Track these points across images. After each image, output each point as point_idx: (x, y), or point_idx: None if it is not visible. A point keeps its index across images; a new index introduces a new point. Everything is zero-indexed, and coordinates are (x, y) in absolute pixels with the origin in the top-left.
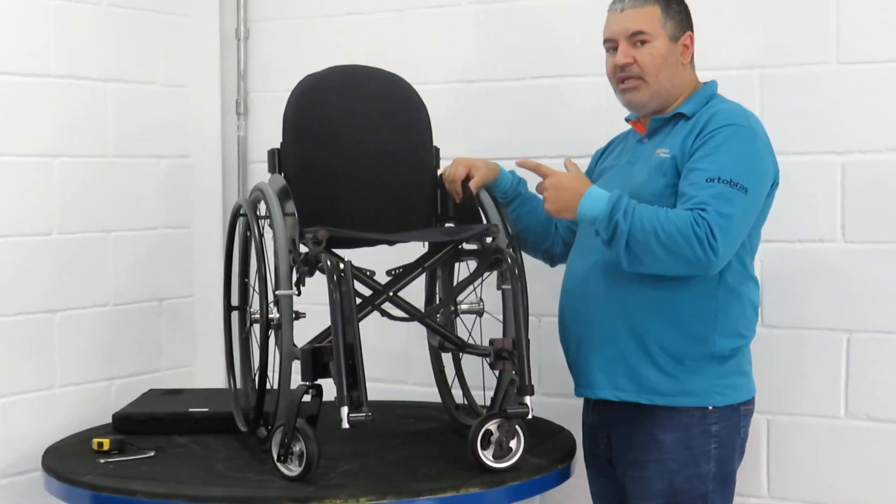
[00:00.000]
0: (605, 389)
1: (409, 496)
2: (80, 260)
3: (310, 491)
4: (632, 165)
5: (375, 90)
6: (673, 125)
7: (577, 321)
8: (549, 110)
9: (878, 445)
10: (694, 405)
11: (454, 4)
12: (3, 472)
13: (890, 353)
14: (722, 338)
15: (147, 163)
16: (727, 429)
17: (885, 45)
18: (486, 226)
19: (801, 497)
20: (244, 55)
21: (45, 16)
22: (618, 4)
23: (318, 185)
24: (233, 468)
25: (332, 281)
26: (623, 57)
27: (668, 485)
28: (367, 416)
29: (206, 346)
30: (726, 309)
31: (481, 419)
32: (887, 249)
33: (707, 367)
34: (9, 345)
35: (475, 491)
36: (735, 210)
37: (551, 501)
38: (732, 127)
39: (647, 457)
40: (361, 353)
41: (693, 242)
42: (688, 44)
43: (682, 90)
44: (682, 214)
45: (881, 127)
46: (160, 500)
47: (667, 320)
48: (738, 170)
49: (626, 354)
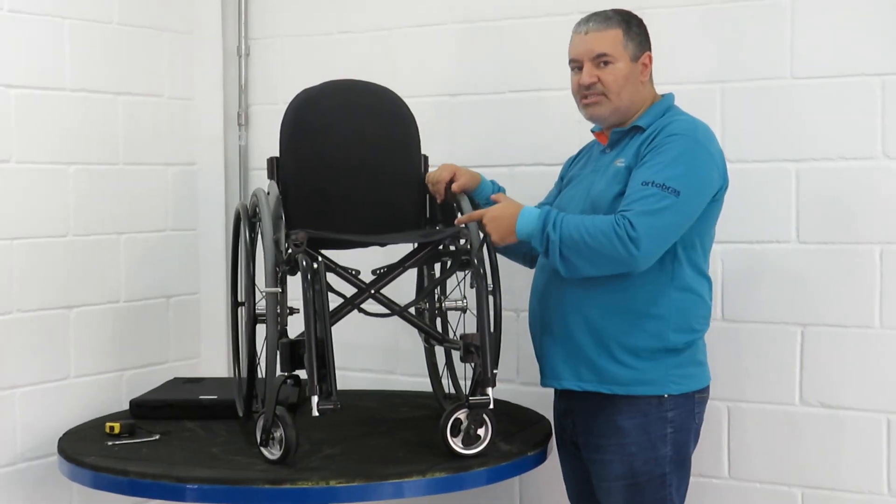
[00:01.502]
0: (570, 380)
1: (377, 479)
2: (93, 260)
3: (285, 473)
4: (594, 174)
5: (366, 103)
6: (631, 137)
7: (541, 318)
8: (527, 121)
9: (829, 430)
10: (651, 393)
11: (438, 24)
12: (22, 457)
13: (841, 345)
14: (675, 333)
15: (155, 169)
16: (682, 415)
17: (836, 61)
18: (457, 228)
19: (759, 478)
20: (245, 70)
21: (61, 34)
22: (582, 27)
23: (309, 191)
24: (226, 451)
25: (306, 279)
26: (588, 77)
27: (629, 467)
28: (336, 405)
29: (211, 339)
30: (679, 305)
31: (450, 409)
32: (838, 249)
33: (662, 359)
34: (27, 338)
35: (440, 476)
36: (660, 209)
37: (529, 484)
38: (677, 136)
39: (609, 441)
40: (332, 346)
41: (614, 241)
42: (647, 62)
43: (642, 104)
44: (605, 218)
45: (833, 136)
46: (149, 480)
47: (622, 317)
48: (672, 174)
49: (587, 349)
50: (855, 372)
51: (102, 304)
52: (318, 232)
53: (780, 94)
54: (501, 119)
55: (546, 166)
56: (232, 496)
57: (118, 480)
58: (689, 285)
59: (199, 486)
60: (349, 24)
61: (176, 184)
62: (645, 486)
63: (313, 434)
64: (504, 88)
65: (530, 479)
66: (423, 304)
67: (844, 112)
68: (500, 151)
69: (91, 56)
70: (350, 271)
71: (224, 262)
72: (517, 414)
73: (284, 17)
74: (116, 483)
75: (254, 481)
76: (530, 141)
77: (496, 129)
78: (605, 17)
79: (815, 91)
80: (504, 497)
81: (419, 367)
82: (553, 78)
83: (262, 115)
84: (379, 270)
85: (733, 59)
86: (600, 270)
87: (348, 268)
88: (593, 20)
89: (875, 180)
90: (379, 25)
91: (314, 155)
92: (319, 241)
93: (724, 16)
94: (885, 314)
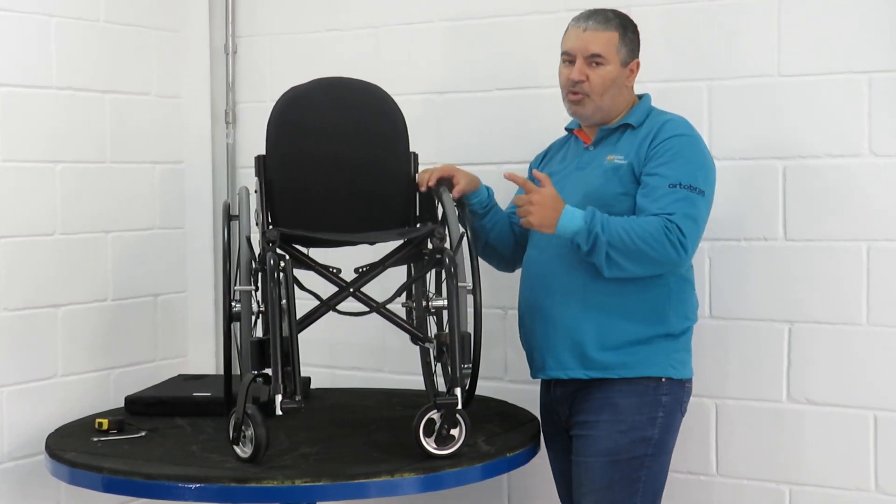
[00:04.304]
0: (575, 369)
1: (343, 479)
2: (80, 258)
3: (253, 472)
4: (581, 171)
5: (353, 101)
6: (620, 133)
7: (541, 310)
8: (514, 119)
9: (817, 427)
10: (650, 375)
11: (425, 21)
12: (8, 456)
13: (827, 342)
14: (675, 318)
15: (142, 168)
16: (673, 401)
17: (822, 60)
18: (432, 227)
19: (747, 475)
20: (232, 68)
21: (47, 32)
22: (581, 23)
23: (295, 188)
24: (205, 449)
25: (271, 278)
26: (578, 74)
27: (614, 443)
28: (300, 405)
29: (198, 338)
30: (679, 293)
31: (423, 409)
32: (825, 247)
33: (663, 344)
34: (14, 337)
35: (408, 476)
36: (697, 212)
37: (518, 483)
38: (684, 137)
39: (600, 417)
40: (297, 344)
41: (666, 246)
42: (633, 69)
43: (623, 107)
44: (653, 222)
45: (819, 134)
46: (120, 476)
47: (626, 304)
48: (694, 175)
49: (591, 336)
50: (842, 369)
51: (90, 303)
52: (290, 230)
53: (767, 92)
54: (489, 116)
55: None
56: (197, 494)
57: (92, 476)
58: (683, 275)
59: (165, 483)
60: (337, 22)
61: (163, 182)
62: (624, 464)
63: (300, 433)
64: (491, 86)
65: (520, 478)
66: (411, 302)
67: (831, 109)
68: (487, 149)
69: (78, 54)
70: (331, 269)
71: (211, 260)
72: (509, 413)
73: (272, 15)
74: (91, 479)
75: (219, 479)
76: (518, 138)
77: (483, 126)
78: (605, 17)
79: (802, 88)
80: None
81: (407, 365)
82: (540, 75)
83: (250, 114)
84: (361, 269)
85: (720, 56)
86: (645, 271)
87: (329, 266)
88: (594, 19)
89: (862, 177)
90: (366, 23)
91: (300, 152)
92: (298, 238)
93: (711, 13)
94: (871, 311)
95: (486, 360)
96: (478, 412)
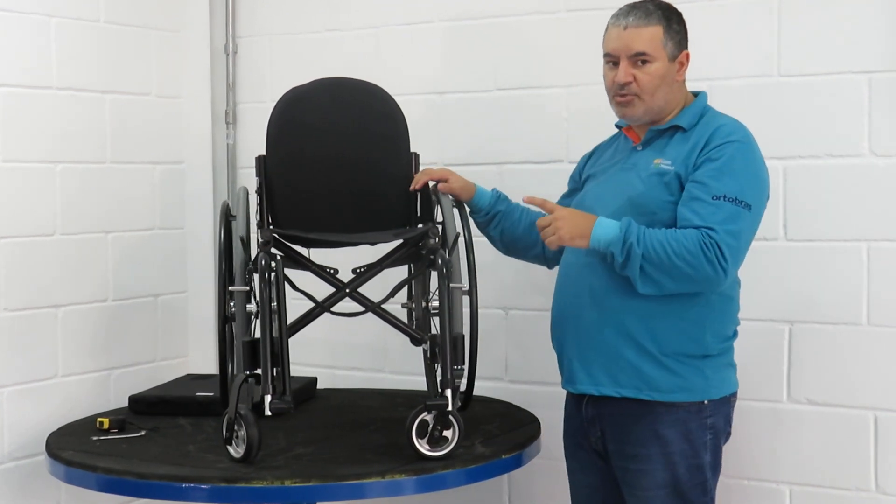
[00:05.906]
0: (607, 386)
1: (333, 480)
2: (80, 258)
3: (244, 472)
4: (627, 172)
5: (353, 102)
6: (670, 136)
7: (574, 320)
8: (515, 119)
9: (817, 427)
10: (692, 400)
11: (425, 21)
12: (10, 456)
13: (828, 342)
14: (714, 338)
15: (142, 168)
16: (719, 420)
17: (822, 60)
18: (426, 228)
19: (747, 475)
20: (233, 69)
21: (47, 32)
22: (621, 20)
23: (294, 188)
24: (201, 449)
25: (263, 279)
26: (624, 76)
27: (672, 476)
28: (289, 405)
29: (199, 338)
30: (719, 311)
31: (416, 410)
32: (825, 247)
33: (702, 364)
34: (15, 337)
35: (399, 478)
36: (741, 228)
37: (518, 486)
38: (736, 144)
39: (650, 450)
40: (287, 345)
41: (704, 264)
42: (683, 61)
43: (676, 104)
44: (690, 236)
45: (819, 134)
46: (114, 476)
47: (664, 321)
48: (742, 188)
49: (626, 353)
50: (842, 369)
51: (90, 303)
52: (284, 231)
53: (768, 92)
54: (490, 117)
55: (534, 164)
56: (187, 494)
57: (87, 475)
58: (725, 291)
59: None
60: (337, 23)
61: (163, 182)
62: (688, 493)
63: (298, 433)
64: (492, 86)
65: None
66: (410, 303)
67: (832, 110)
68: (488, 149)
69: (78, 54)
70: (328, 270)
71: (212, 261)
72: (510, 415)
73: (272, 15)
74: (85, 478)
75: (209, 479)
76: (519, 139)
77: (484, 127)
78: (646, 11)
79: (803, 89)
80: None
81: (408, 366)
82: (541, 76)
83: (250, 114)
84: (359, 269)
85: (720, 57)
86: (680, 288)
87: (326, 266)
88: (633, 14)
89: (862, 178)
90: (367, 24)
91: (300, 152)
92: (294, 239)
93: (710, 14)
94: (872, 311)
95: (486, 361)
96: (480, 413)
